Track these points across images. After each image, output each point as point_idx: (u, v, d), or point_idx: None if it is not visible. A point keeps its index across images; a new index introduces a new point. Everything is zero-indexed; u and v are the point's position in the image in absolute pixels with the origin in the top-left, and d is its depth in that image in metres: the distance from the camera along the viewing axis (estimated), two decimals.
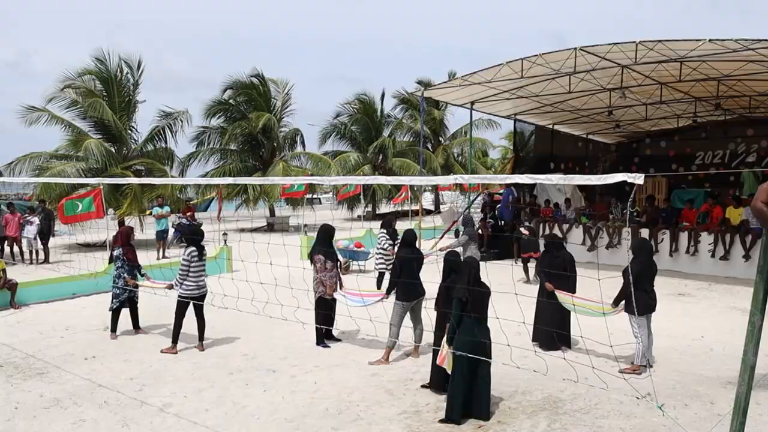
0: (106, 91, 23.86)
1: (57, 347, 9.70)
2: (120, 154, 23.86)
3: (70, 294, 13.51)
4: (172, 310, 9.32)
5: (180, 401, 7.26)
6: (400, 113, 40.13)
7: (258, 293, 8.62)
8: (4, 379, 8.21)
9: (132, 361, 8.86)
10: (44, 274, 15.07)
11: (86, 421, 6.73)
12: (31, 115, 22.92)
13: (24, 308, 12.57)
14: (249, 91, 30.05)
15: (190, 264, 9.06)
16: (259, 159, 30.67)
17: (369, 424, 6.52)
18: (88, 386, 7.85)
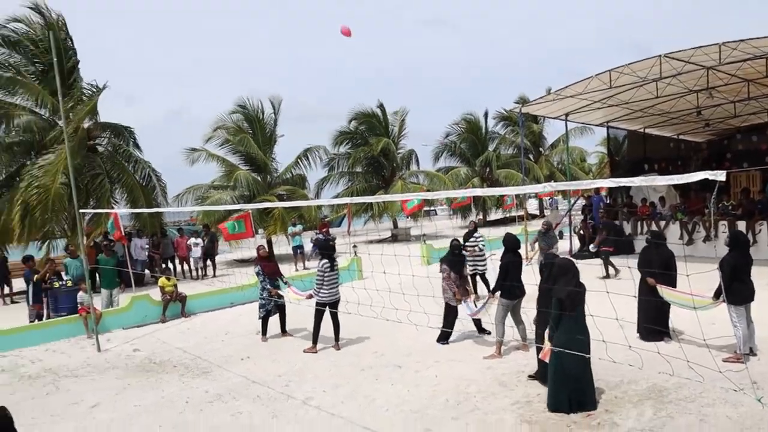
0: (251, 128, 25.07)
1: (218, 350, 10.24)
2: (265, 181, 24.94)
3: (228, 304, 14.20)
4: (312, 317, 9.59)
5: (320, 395, 7.46)
6: (502, 129, 39.69)
7: (384, 299, 8.68)
8: (177, 378, 8.77)
9: (280, 361, 9.20)
10: (207, 288, 15.96)
11: (243, 413, 7.06)
12: (192, 154, 24.46)
13: (192, 317, 13.36)
14: (370, 120, 30.68)
15: (324, 275, 9.30)
16: (381, 178, 31.13)
17: (485, 414, 6.43)
18: (244, 383, 8.23)
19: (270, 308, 10.52)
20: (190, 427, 6.76)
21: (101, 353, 10.65)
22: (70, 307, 12.73)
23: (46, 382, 9.13)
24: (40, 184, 16.84)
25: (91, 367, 9.81)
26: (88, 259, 12.15)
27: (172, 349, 10.52)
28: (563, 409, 6.21)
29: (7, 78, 18.53)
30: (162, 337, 11.58)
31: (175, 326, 12.61)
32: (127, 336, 11.94)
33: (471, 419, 6.32)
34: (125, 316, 12.87)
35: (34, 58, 19.46)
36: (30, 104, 19.50)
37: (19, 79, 18.74)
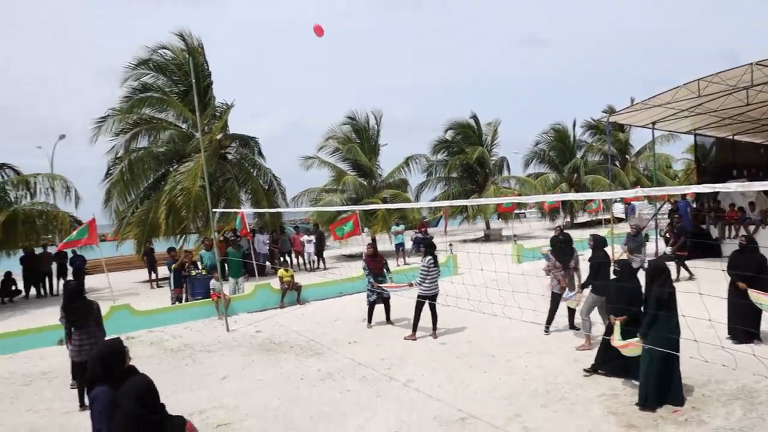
0: (358, 138, 25.55)
1: (329, 334, 10.47)
2: (370, 185, 25.31)
3: (337, 294, 14.51)
4: (413, 307, 9.61)
5: (419, 378, 7.46)
6: (589, 138, 38.13)
7: (481, 293, 8.60)
8: (294, 357, 9.05)
9: (383, 346, 9.28)
10: (319, 279, 16.38)
11: (350, 391, 7.17)
12: (307, 161, 25.23)
13: (306, 304, 13.75)
14: (465, 130, 30.43)
15: (429, 270, 9.29)
16: (475, 183, 30.77)
17: (573, 404, 6.18)
18: (351, 364, 8.36)
19: (375, 299, 10.64)
20: (304, 400, 6.95)
21: (229, 333, 11.18)
22: (204, 293, 13.48)
23: (185, 355, 9.71)
24: (183, 187, 17.95)
25: (221, 344, 10.33)
26: (219, 252, 12.83)
27: (289, 332, 10.87)
28: (651, 403, 5.87)
29: (157, 98, 19.93)
30: (280, 321, 12.00)
31: (292, 312, 13.03)
32: (250, 319, 12.47)
33: (559, 408, 6.11)
34: (249, 301, 13.45)
35: (176, 80, 20.81)
36: (173, 120, 20.89)
37: (165, 98, 20.11)
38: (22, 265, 18.94)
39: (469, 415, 6.07)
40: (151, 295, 17.06)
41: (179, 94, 20.78)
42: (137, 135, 20.53)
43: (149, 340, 10.98)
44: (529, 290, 8.26)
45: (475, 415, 6.07)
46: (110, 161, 20.71)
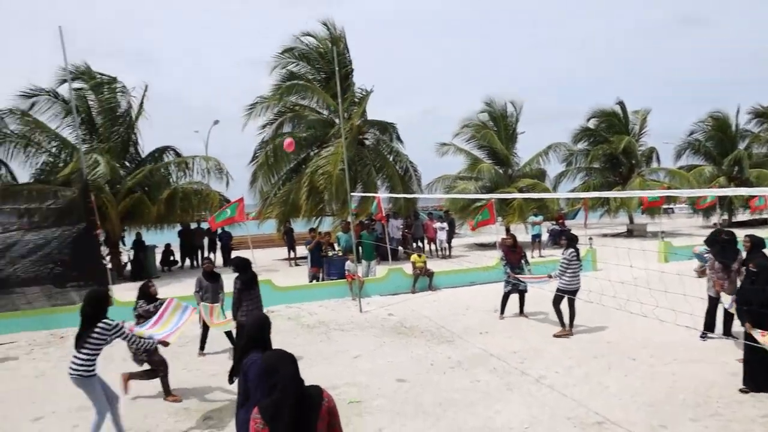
0: (495, 126, 25.04)
1: (460, 322, 10.45)
2: (506, 174, 24.76)
3: (469, 282, 14.40)
4: (549, 301, 9.29)
5: (552, 375, 7.21)
6: (756, 127, 33.90)
7: (620, 291, 8.08)
8: (424, 342, 9.14)
9: (515, 338, 9.09)
10: (451, 266, 16.38)
11: (480, 381, 7.11)
12: (442, 148, 25.20)
13: (438, 291, 13.81)
14: (610, 118, 28.65)
15: (570, 263, 8.92)
16: (618, 175, 28.94)
17: (729, 421, 5.62)
18: (482, 354, 8.28)
19: (510, 289, 10.41)
20: (434, 385, 7.00)
21: (362, 314, 11.54)
22: (339, 273, 14.02)
23: (320, 332, 10.18)
24: (325, 171, 18.75)
25: (354, 324, 10.69)
26: (354, 235, 13.27)
27: (420, 317, 10.99)
28: None
29: (301, 85, 20.94)
30: (411, 306, 12.16)
31: (423, 297, 13.15)
32: (382, 302, 12.77)
33: (711, 424, 5.59)
34: (382, 284, 13.77)
35: (319, 68, 21.71)
36: (315, 106, 21.86)
37: (309, 85, 21.05)
38: (180, 238, 20.98)
39: (607, 420, 5.76)
40: (290, 273, 18.03)
41: (321, 82, 21.67)
42: (283, 121, 21.78)
43: (287, 315, 11.64)
44: (686, 291, 7.61)
45: (613, 420, 5.75)
46: (257, 145, 22.19)
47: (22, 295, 13.10)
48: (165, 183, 19.58)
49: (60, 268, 13.98)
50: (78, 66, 18.91)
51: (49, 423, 6.45)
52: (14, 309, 12.29)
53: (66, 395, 7.29)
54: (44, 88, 18.42)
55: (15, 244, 13.77)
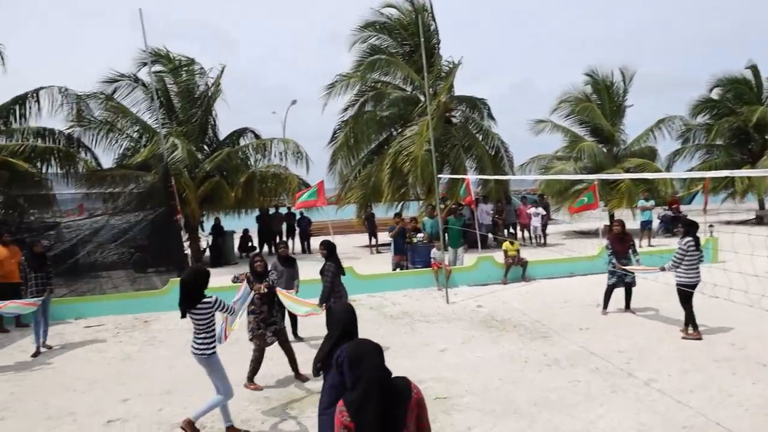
0: (598, 99, 24.07)
1: (557, 316, 10.20)
2: (611, 153, 23.78)
3: (568, 273, 14.01)
4: (658, 295, 8.88)
5: (664, 379, 6.89)
6: None
7: (751, 285, 7.52)
8: (517, 337, 8.99)
9: (620, 336, 8.76)
10: (548, 255, 16.00)
11: (580, 382, 6.91)
12: (537, 126, 24.53)
13: (532, 282, 13.54)
14: (739, 86, 26.71)
15: (686, 253, 8.41)
16: (747, 152, 27.05)
17: None
18: (582, 353, 8.04)
19: (615, 282, 10.01)
20: (528, 384, 6.87)
21: (449, 305, 11.51)
22: (424, 261, 14.03)
23: (403, 322, 10.25)
24: (409, 152, 18.75)
25: (440, 316, 10.68)
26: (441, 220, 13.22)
27: (512, 310, 10.83)
28: None
29: (384, 60, 20.94)
30: (503, 298, 12.00)
31: (516, 289, 12.94)
32: (471, 292, 12.67)
33: None
34: (471, 274, 13.66)
35: (402, 41, 21.66)
36: (398, 82, 21.84)
37: (392, 60, 21.03)
38: (258, 223, 21.71)
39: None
40: (371, 260, 18.26)
41: (404, 55, 21.62)
42: (365, 101, 21.93)
43: (369, 304, 11.80)
44: None
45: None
46: (336, 125, 22.51)
47: (109, 279, 14.13)
48: (243, 166, 20.31)
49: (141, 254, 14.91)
50: (157, 49, 19.88)
51: (135, 404, 6.92)
52: (101, 293, 13.27)
53: (152, 379, 7.82)
54: (124, 73, 19.53)
55: (101, 228, 14.80)
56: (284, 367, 7.72)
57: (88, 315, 11.94)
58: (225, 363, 6.01)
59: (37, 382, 8.01)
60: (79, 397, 7.32)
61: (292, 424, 6.18)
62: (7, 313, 9.55)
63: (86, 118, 18.62)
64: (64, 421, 6.53)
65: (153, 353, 9.21)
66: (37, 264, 9.49)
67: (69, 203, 18.02)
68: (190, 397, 6.97)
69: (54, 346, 9.78)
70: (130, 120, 19.41)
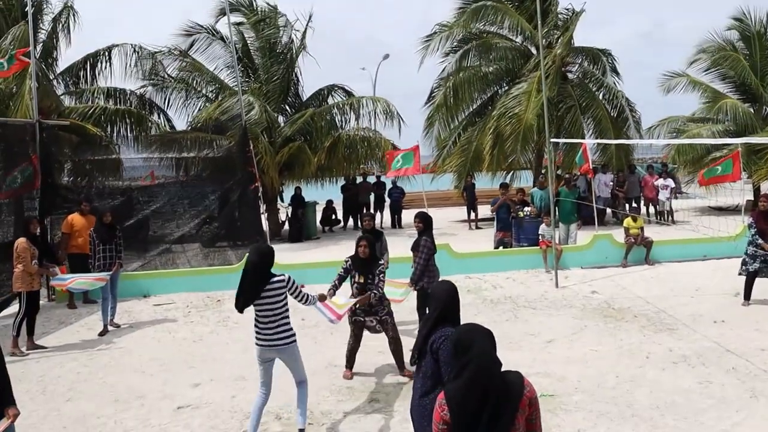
0: (747, 49, 22.52)
1: (686, 306, 9.85)
2: (759, 114, 22.32)
3: (701, 256, 13.45)
4: None
5: None
6: None
7: None
8: (638, 329, 8.77)
9: (764, 332, 8.37)
10: (676, 235, 15.38)
11: (713, 383, 6.67)
12: (669, 82, 23.32)
13: (657, 265, 13.10)
14: None
15: None
16: None
17: None
18: (716, 349, 7.75)
19: (758, 267, 9.48)
20: (649, 384, 6.71)
21: (558, 289, 11.36)
22: (532, 239, 13.83)
23: (505, 308, 10.22)
24: (514, 114, 18.39)
25: (548, 301, 10.56)
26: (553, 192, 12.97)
27: (633, 297, 10.55)
28: None
29: (491, 7, 20.44)
30: (622, 283, 11.70)
31: (638, 272, 12.56)
32: (584, 276, 12.43)
33: None
34: (585, 254, 13.39)
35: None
36: (505, 32, 21.32)
37: (500, 6, 20.51)
38: (343, 193, 21.95)
39: None
40: (470, 237, 18.19)
41: (514, 1, 21.06)
42: (467, 53, 21.56)
43: (466, 286, 11.81)
44: None
45: None
46: (434, 83, 22.29)
47: (182, 252, 14.70)
48: (328, 129, 20.33)
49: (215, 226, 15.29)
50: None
51: (207, 390, 7.24)
52: (174, 267, 13.82)
53: (224, 362, 8.19)
54: (202, 24, 20.04)
55: (174, 198, 15.33)
56: (371, 354, 7.88)
57: (157, 292, 12.34)
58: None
59: (104, 363, 8.41)
60: (148, 380, 7.68)
61: (376, 419, 6.29)
62: (75, 288, 10.01)
63: (160, 76, 19.33)
64: (131, 405, 6.86)
65: (226, 335, 9.56)
66: (107, 235, 9.89)
67: (140, 170, 18.86)
68: None
69: (122, 325, 10.22)
70: (206, 78, 20.02)
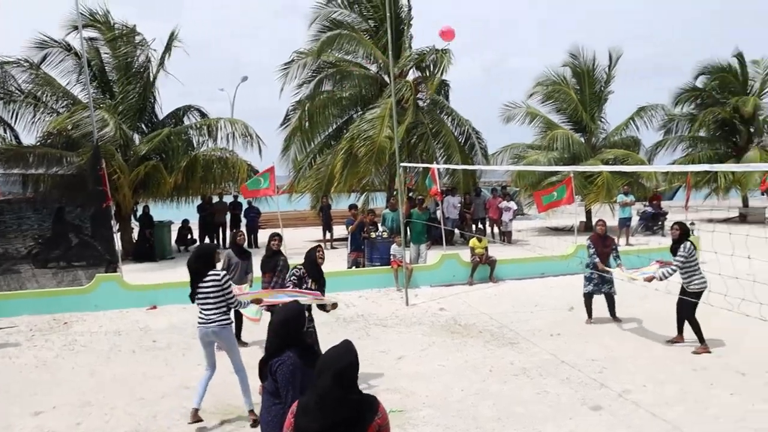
0: (578, 84, 24.30)
1: (526, 321, 10.29)
2: (589, 144, 24.11)
3: (539, 273, 14.15)
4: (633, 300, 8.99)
5: (639, 390, 7.03)
6: None
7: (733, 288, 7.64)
8: (482, 344, 9.05)
9: (594, 344, 8.90)
10: (518, 254, 16.14)
11: (549, 393, 6.99)
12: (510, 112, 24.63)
13: (500, 283, 13.64)
14: (724, 75, 27.37)
15: (688, 258, 8.34)
16: (732, 145, 27.81)
17: None
18: (553, 361, 8.14)
19: (593, 289, 9.84)
20: (492, 397, 6.91)
21: (409, 307, 11.52)
22: (383, 258, 13.99)
23: (358, 326, 10.23)
24: (368, 136, 18.66)
25: (399, 319, 10.68)
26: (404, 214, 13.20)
27: (477, 314, 10.89)
28: None
29: (347, 36, 20.69)
30: (468, 300, 12.06)
31: (482, 290, 13.02)
32: (433, 294, 12.71)
33: None
34: (434, 273, 13.69)
35: (367, 15, 21.48)
36: (360, 60, 21.68)
37: (354, 36, 20.84)
38: (199, 213, 21.29)
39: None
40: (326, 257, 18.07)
41: (369, 32, 21.48)
42: (322, 81, 21.69)
43: None
44: None
45: None
46: (290, 106, 22.20)
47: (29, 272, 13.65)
48: (185, 149, 19.79)
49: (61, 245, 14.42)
50: (92, 12, 18.98)
51: (49, 418, 6.69)
52: (20, 288, 12.77)
53: (69, 388, 7.59)
54: (55, 38, 18.77)
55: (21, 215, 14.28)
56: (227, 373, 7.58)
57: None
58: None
59: None
60: None
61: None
62: None
63: (7, 89, 17.99)
64: None
65: (72, 359, 8.93)
66: None
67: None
68: (113, 409, 6.80)
69: None
70: (58, 93, 18.83)
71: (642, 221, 22.23)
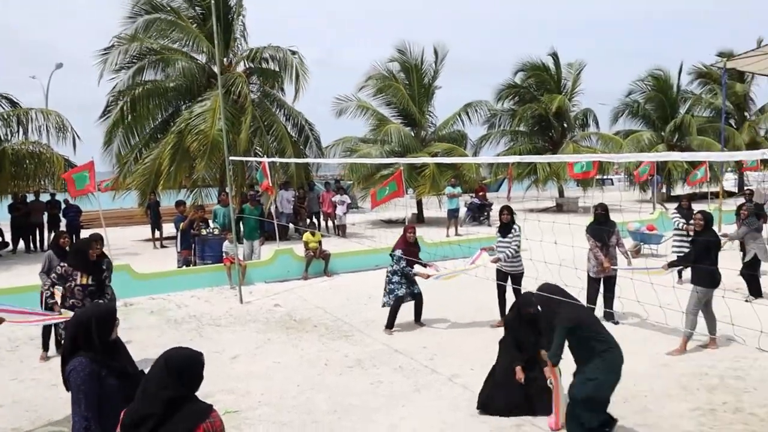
0: (407, 79, 25.11)
1: (360, 313, 10.54)
2: (418, 137, 25.04)
3: (373, 266, 14.49)
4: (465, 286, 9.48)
5: (467, 373, 7.43)
6: (697, 88, 36.26)
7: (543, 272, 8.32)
8: (317, 338, 9.15)
9: (425, 332, 9.31)
10: (351, 247, 16.43)
11: (383, 382, 7.22)
12: (341, 104, 24.98)
13: (335, 276, 13.85)
14: (540, 73, 29.65)
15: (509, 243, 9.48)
16: (549, 140, 30.18)
17: (658, 417, 6.07)
18: (386, 351, 8.40)
19: (404, 294, 9.48)
20: (328, 390, 7.01)
21: (243, 305, 11.37)
22: (215, 256, 13.68)
23: (190, 328, 9.93)
24: (200, 130, 18.10)
25: (233, 318, 10.51)
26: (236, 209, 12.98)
27: (312, 308, 10.98)
28: None
29: (166, 21, 19.93)
30: (303, 295, 12.13)
31: (317, 284, 13.15)
32: (268, 290, 12.64)
33: (638, 420, 6.00)
34: (268, 269, 13.62)
35: (195, 2, 20.78)
36: (187, 49, 20.94)
37: (177, 21, 20.09)
38: (11, 214, 19.52)
39: (526, 421, 6.03)
40: (155, 256, 17.45)
41: (195, 19, 20.83)
42: (143, 69, 20.65)
43: (150, 308, 11.26)
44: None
45: (534, 422, 6.02)
46: (110, 97, 20.94)
47: None
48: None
49: None
50: None
51: None
52: None
53: None
54: None
55: None
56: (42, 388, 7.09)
57: None
58: None
59: None
60: None
61: None
62: None
63: None
64: None
65: None
66: None
67: None
68: None
69: None
70: None
71: (469, 212, 23.48)
